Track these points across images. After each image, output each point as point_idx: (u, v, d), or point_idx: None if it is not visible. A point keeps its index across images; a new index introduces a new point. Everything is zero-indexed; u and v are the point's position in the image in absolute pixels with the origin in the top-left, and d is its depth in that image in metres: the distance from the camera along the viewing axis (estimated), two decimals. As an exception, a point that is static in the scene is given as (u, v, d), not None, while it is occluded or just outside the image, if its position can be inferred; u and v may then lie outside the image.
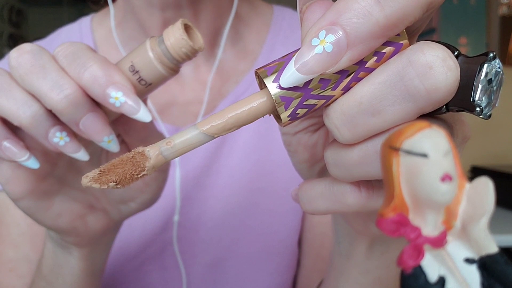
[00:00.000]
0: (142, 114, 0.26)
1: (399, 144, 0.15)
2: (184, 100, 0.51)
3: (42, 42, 0.55)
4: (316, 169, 0.28)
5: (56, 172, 0.32)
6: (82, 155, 0.28)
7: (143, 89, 0.28)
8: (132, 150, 0.22)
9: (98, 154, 0.33)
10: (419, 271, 0.15)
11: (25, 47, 0.27)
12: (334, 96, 0.20)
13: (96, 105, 0.27)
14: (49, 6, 2.05)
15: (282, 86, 0.20)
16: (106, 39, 0.53)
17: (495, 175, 1.46)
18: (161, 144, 0.21)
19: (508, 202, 1.41)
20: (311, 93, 0.20)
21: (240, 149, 0.50)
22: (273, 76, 0.20)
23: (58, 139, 0.27)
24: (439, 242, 0.16)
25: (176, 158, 0.48)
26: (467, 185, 0.16)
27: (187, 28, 0.27)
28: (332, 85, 0.20)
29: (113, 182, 0.21)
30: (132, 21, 0.50)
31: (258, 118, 0.22)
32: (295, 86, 0.20)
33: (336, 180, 0.23)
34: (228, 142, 0.50)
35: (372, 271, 0.31)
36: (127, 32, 0.51)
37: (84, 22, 0.55)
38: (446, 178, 0.14)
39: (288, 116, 0.21)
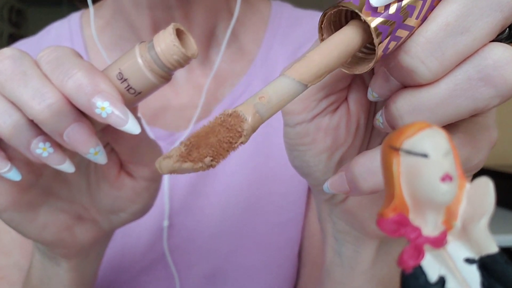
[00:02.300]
0: (131, 126, 0.24)
1: (399, 144, 0.15)
2: (178, 104, 0.49)
3: (31, 40, 0.53)
4: (335, 158, 0.26)
5: (41, 182, 0.31)
6: (67, 166, 0.26)
7: (132, 98, 0.26)
8: (219, 114, 0.18)
9: (86, 164, 0.32)
10: (419, 271, 0.15)
11: (5, 52, 0.25)
12: (414, 28, 0.19)
13: (82, 114, 0.25)
14: (49, 6, 2.05)
15: (375, 5, 0.18)
16: (97, 37, 0.50)
17: (495, 175, 1.46)
18: (253, 101, 0.18)
19: (508, 202, 1.41)
20: (402, 21, 0.19)
21: (237, 155, 0.48)
22: (363, 6, 0.19)
23: (41, 150, 0.25)
24: (439, 242, 0.16)
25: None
26: (467, 185, 0.16)
27: (179, 33, 0.25)
28: (416, 13, 0.19)
29: (209, 156, 0.17)
30: (122, 21, 0.48)
31: (349, 57, 0.20)
32: (389, 13, 0.18)
33: None
34: None
35: (377, 274, 0.30)
36: (117, 32, 0.49)
37: (74, 19, 0.53)
38: (446, 178, 0.14)
39: (382, 51, 0.19)
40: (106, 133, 0.29)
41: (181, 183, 0.47)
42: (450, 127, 0.21)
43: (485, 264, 0.15)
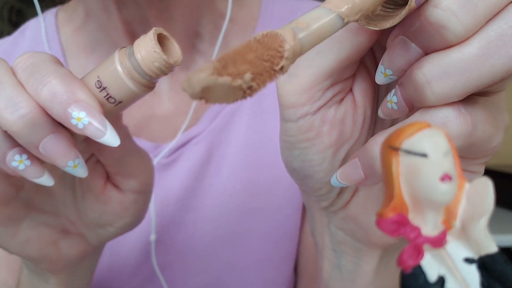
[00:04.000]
0: (109, 138, 0.23)
1: (399, 144, 0.15)
2: (163, 113, 0.45)
3: (6, 41, 0.50)
4: (340, 155, 0.24)
5: (22, 195, 0.29)
6: (45, 180, 0.25)
7: (112, 108, 0.24)
8: (254, 36, 0.15)
9: (70, 175, 0.30)
10: (419, 271, 0.15)
11: None
12: None
13: (59, 125, 0.24)
14: (49, 6, 2.05)
15: None
16: (73, 39, 0.47)
17: (495, 175, 1.46)
18: (291, 25, 0.16)
19: (508, 202, 1.42)
20: None
21: (228, 166, 0.45)
22: None
23: (17, 162, 0.24)
24: (439, 242, 0.16)
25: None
26: (467, 185, 0.16)
27: (162, 38, 0.24)
28: None
29: (249, 73, 0.14)
30: (94, 24, 0.45)
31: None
32: None
33: (429, 110, 0.20)
34: (215, 159, 0.45)
35: (380, 287, 0.28)
36: (93, 35, 0.45)
37: (49, 18, 0.49)
38: (445, 178, 0.14)
39: (415, 2, 0.18)
40: (89, 143, 0.27)
41: (171, 198, 0.44)
42: (470, 103, 0.20)
43: (485, 264, 0.15)
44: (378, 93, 0.26)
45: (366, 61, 0.24)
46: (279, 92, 0.23)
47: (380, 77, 0.21)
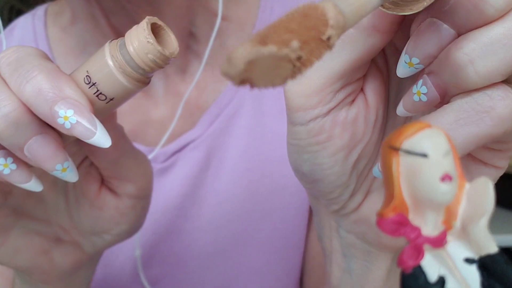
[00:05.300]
0: (99, 138, 0.21)
1: (399, 144, 0.15)
2: (159, 116, 0.43)
3: None
4: (352, 157, 0.23)
5: (11, 202, 0.27)
6: (33, 185, 0.23)
7: (103, 105, 0.22)
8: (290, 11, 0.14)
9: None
10: (419, 271, 0.15)
11: None
12: None
13: (46, 125, 0.22)
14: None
15: None
16: (61, 38, 0.45)
17: (495, 175, 1.45)
18: None
19: (508, 202, 1.41)
20: None
21: (228, 171, 0.42)
22: None
23: (2, 166, 0.22)
24: (439, 242, 0.16)
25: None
26: (467, 185, 0.16)
27: (157, 28, 0.22)
28: None
29: (296, 40, 0.12)
30: (82, 26, 0.43)
31: None
32: None
33: (472, 94, 0.18)
34: (213, 164, 0.43)
35: None
36: (82, 36, 0.43)
37: (38, 15, 0.46)
38: (446, 178, 0.14)
39: None
40: (82, 144, 0.25)
41: (168, 205, 0.42)
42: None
43: (485, 264, 0.15)
44: (389, 92, 0.25)
45: (376, 59, 0.23)
46: (287, 95, 0.22)
47: (404, 69, 0.20)
